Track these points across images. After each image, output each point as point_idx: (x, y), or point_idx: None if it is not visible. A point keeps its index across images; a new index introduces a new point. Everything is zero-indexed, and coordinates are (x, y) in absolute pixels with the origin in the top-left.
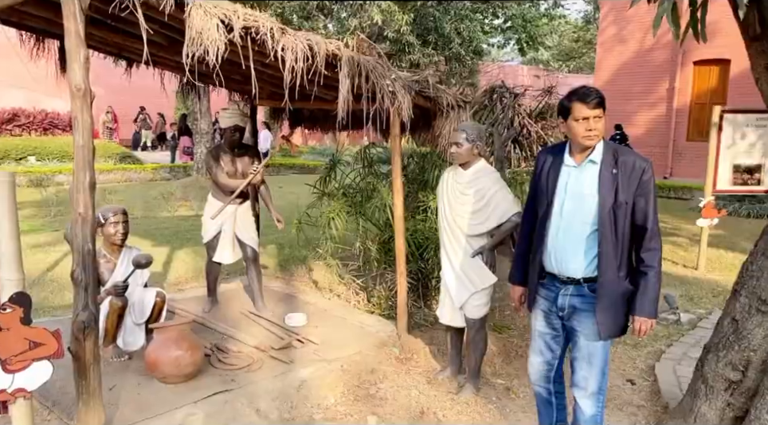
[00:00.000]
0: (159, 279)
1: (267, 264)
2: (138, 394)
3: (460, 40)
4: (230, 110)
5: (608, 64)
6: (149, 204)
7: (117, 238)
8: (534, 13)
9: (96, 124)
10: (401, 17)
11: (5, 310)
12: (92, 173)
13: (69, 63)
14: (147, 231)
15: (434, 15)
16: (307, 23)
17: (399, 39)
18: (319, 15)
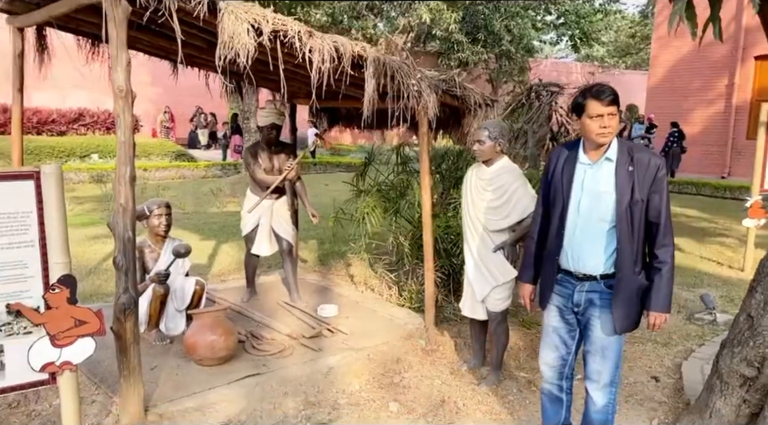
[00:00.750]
0: (204, 271)
1: (306, 258)
2: (176, 374)
3: (509, 38)
4: (267, 109)
5: (664, 60)
6: (199, 200)
7: (161, 229)
8: (588, 9)
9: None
10: (450, 16)
11: (54, 291)
12: (132, 168)
13: (113, 66)
14: (196, 225)
15: (484, 13)
16: (357, 23)
17: (448, 37)
18: (369, 15)
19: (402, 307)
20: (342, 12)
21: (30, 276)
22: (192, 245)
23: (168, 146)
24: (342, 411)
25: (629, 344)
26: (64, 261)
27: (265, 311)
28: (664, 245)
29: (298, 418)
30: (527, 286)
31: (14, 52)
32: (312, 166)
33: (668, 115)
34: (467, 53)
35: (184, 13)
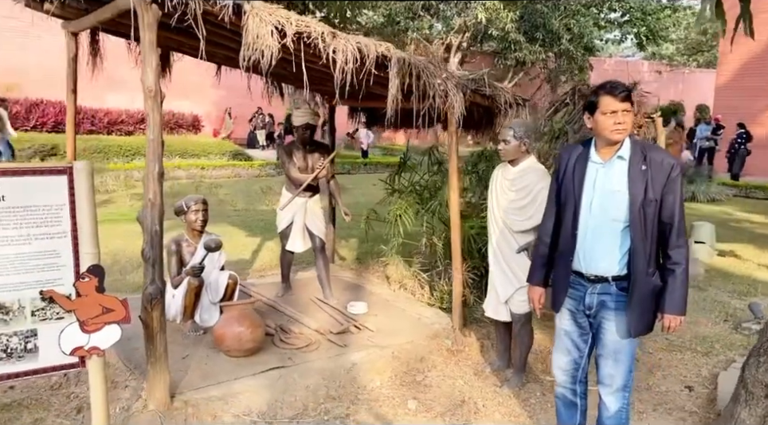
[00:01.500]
0: (246, 266)
1: (345, 256)
2: (205, 364)
3: (569, 37)
4: (302, 109)
5: (733, 58)
6: (250, 198)
7: (197, 224)
8: (654, 6)
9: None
10: (506, 15)
11: (84, 279)
12: (160, 165)
13: (143, 67)
14: (245, 222)
15: (542, 12)
16: (413, 23)
17: (504, 37)
18: (425, 15)
19: (432, 307)
20: (398, 13)
21: (63, 265)
22: (238, 241)
23: (226, 146)
24: (360, 407)
25: (666, 351)
26: (93, 251)
27: (297, 306)
28: (677, 246)
29: (317, 411)
30: (536, 289)
31: (68, 56)
32: (363, 166)
33: (736, 115)
34: (524, 53)
35: (211, 15)
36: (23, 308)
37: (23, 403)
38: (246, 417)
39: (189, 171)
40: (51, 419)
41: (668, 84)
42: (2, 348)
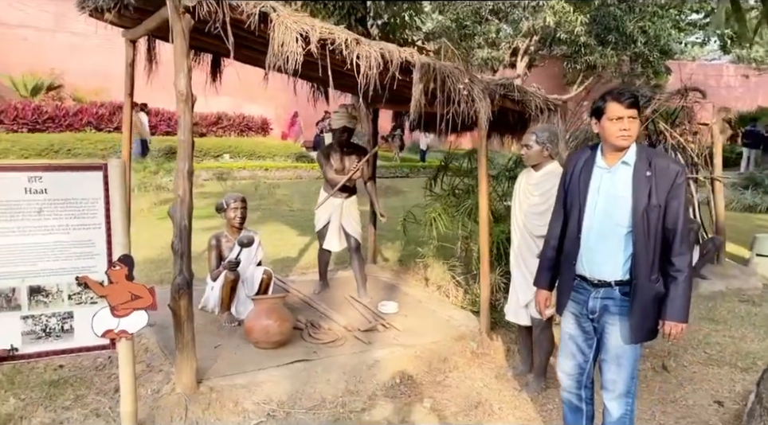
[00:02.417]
0: (291, 263)
1: (388, 257)
2: (234, 353)
3: (644, 39)
4: (340, 112)
5: None
6: (307, 199)
7: (236, 221)
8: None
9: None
10: (576, 18)
11: (115, 268)
12: (190, 164)
13: (176, 72)
14: (297, 221)
15: (615, 14)
16: (480, 26)
17: (574, 40)
18: (494, 19)
19: (464, 310)
20: (466, 17)
21: (97, 254)
22: (288, 240)
23: (292, 148)
24: (377, 402)
25: (702, 365)
26: (124, 242)
27: (330, 303)
28: (680, 253)
29: (334, 404)
30: (542, 292)
31: (126, 61)
32: (422, 170)
33: None
34: (595, 56)
35: (239, 23)
36: (61, 292)
37: (69, 380)
38: (266, 405)
39: (253, 172)
40: (91, 396)
41: (757, 89)
42: (42, 327)
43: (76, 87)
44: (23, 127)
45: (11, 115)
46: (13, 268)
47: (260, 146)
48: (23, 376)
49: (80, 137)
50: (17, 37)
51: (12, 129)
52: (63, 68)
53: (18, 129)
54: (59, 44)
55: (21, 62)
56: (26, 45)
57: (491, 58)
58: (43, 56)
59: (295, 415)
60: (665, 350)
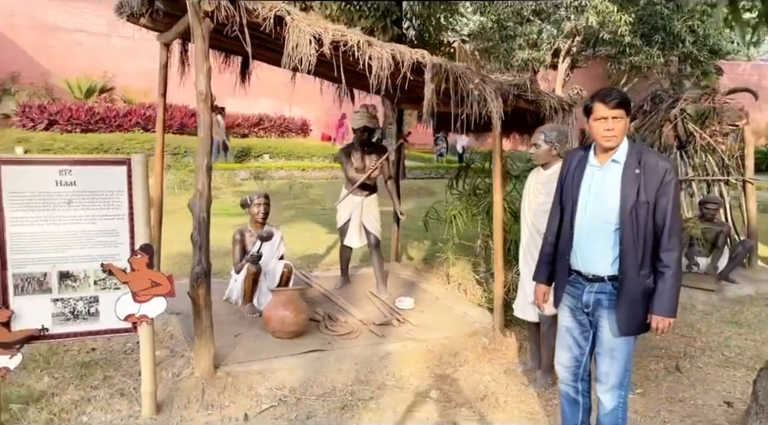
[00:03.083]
0: (318, 259)
1: (414, 256)
2: (253, 342)
3: (692, 39)
4: (360, 112)
5: None
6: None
7: (259, 217)
8: None
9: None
10: (620, 18)
11: (137, 256)
12: (209, 160)
13: (196, 73)
14: (328, 220)
15: (662, 13)
16: (521, 27)
17: (619, 40)
18: (536, 19)
19: (480, 307)
20: (507, 18)
21: (120, 243)
22: (318, 237)
23: (331, 149)
24: (385, 392)
25: (719, 367)
26: (145, 232)
27: (349, 298)
28: (668, 249)
29: (344, 392)
30: (540, 286)
31: (160, 63)
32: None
33: None
34: (640, 57)
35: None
36: (88, 277)
37: (99, 362)
38: (278, 391)
39: (290, 172)
40: (118, 377)
41: None
42: (71, 310)
43: (126, 89)
44: (77, 128)
45: (66, 116)
46: (45, 254)
47: (299, 146)
48: (59, 357)
49: (129, 137)
50: (73, 41)
51: (66, 129)
52: (115, 71)
53: (72, 129)
54: (112, 47)
55: (77, 65)
56: (81, 49)
57: (531, 59)
58: (97, 60)
59: (306, 401)
60: (681, 351)
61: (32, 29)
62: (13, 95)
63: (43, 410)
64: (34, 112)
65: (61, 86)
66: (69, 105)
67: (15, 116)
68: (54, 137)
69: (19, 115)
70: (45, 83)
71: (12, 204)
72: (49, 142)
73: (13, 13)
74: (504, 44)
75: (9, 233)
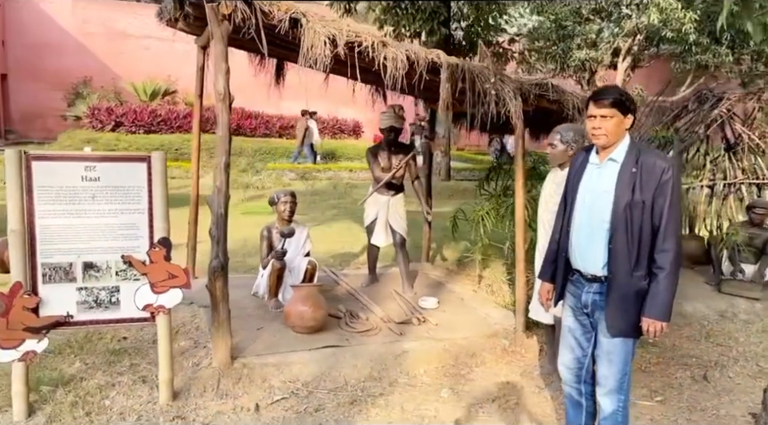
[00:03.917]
0: (350, 258)
1: (447, 256)
2: (273, 336)
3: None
4: (387, 113)
5: None
6: None
7: (285, 214)
8: None
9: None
10: (684, 15)
11: (155, 249)
12: (227, 158)
13: (215, 74)
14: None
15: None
16: (580, 27)
17: (683, 38)
18: (596, 18)
19: (505, 309)
20: (566, 17)
21: (140, 236)
22: (356, 237)
23: None
24: (396, 389)
25: (751, 377)
26: (163, 226)
27: (373, 296)
28: (663, 250)
29: (355, 387)
30: (544, 285)
31: (197, 66)
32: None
33: None
34: (707, 56)
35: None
36: (110, 268)
37: (128, 350)
38: (291, 384)
39: (337, 173)
40: (143, 365)
41: None
42: (94, 298)
43: (188, 92)
44: (140, 129)
45: (130, 118)
46: (71, 245)
47: (350, 148)
48: (92, 344)
49: (187, 137)
50: (140, 46)
51: (131, 131)
52: (178, 75)
53: (136, 130)
54: (175, 52)
55: (143, 70)
56: (148, 54)
57: (588, 59)
58: (162, 64)
59: (317, 395)
60: (713, 360)
61: (103, 36)
62: (84, 98)
63: (70, 392)
64: (102, 114)
65: (129, 89)
66: (134, 107)
67: (86, 118)
68: (119, 138)
69: (89, 117)
70: (115, 86)
71: (41, 198)
72: (115, 143)
73: (86, 20)
74: (561, 44)
75: (38, 225)
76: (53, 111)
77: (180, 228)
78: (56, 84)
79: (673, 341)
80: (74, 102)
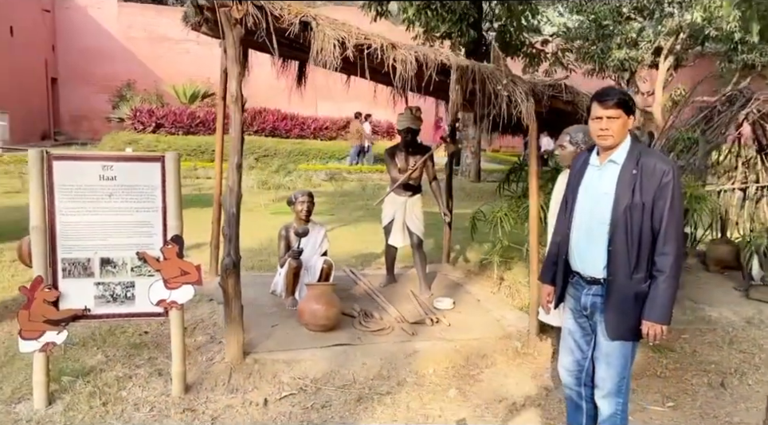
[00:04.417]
0: (373, 258)
1: (470, 258)
2: (286, 333)
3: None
4: (404, 114)
5: None
6: None
7: (302, 214)
8: None
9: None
10: (729, 13)
11: (168, 246)
12: (239, 157)
13: (228, 77)
14: None
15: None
16: (620, 26)
17: (729, 37)
18: (637, 17)
19: (521, 311)
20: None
21: (154, 233)
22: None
23: None
24: (403, 387)
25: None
26: (176, 224)
27: (389, 296)
28: (663, 253)
29: (363, 385)
30: (545, 287)
31: (221, 68)
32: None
33: None
34: (754, 55)
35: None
36: (125, 264)
37: (148, 344)
38: (300, 380)
39: (367, 174)
40: (161, 358)
41: None
42: (110, 293)
43: None
44: (180, 130)
45: (170, 120)
46: (89, 242)
47: (382, 149)
48: (115, 338)
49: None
50: (180, 50)
51: (170, 132)
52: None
53: (176, 132)
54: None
55: (184, 72)
56: (189, 58)
57: (628, 59)
58: (201, 67)
59: (324, 391)
60: (733, 367)
61: (146, 40)
62: (128, 100)
63: (89, 383)
64: (144, 116)
65: (170, 92)
66: (174, 109)
67: (128, 120)
68: (159, 139)
69: (131, 119)
70: (156, 89)
71: (62, 196)
72: (155, 144)
73: (130, 26)
74: (600, 43)
75: (59, 222)
76: (99, 113)
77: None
78: (102, 88)
79: (694, 346)
80: (118, 104)
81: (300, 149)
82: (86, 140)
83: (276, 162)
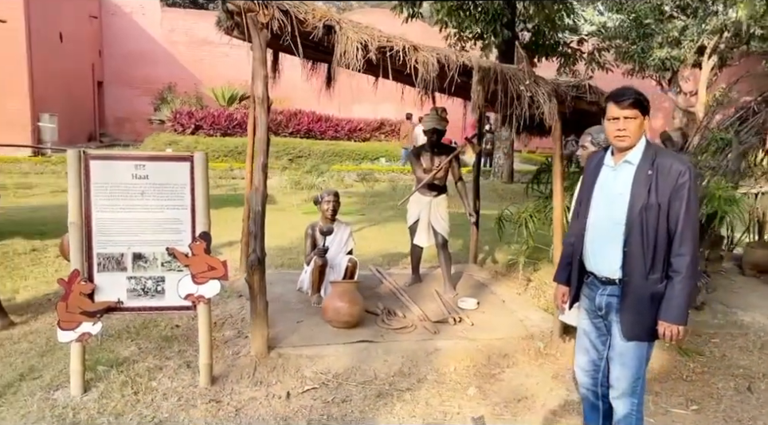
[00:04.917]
0: (400, 258)
1: (498, 259)
2: (311, 329)
3: None
4: (430, 115)
5: None
6: None
7: (328, 213)
8: None
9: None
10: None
11: (196, 242)
12: (265, 158)
13: (253, 79)
14: None
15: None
16: (662, 24)
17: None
18: (680, 16)
19: (545, 312)
20: (646, 14)
21: (183, 230)
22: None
23: None
24: (423, 385)
25: None
26: (204, 221)
27: (414, 295)
28: (679, 254)
29: (384, 381)
30: (560, 287)
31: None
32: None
33: None
34: None
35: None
36: (156, 259)
37: (179, 337)
38: (322, 375)
39: (399, 174)
40: (190, 351)
41: None
42: (142, 287)
43: None
44: (217, 132)
45: (209, 122)
46: (123, 238)
47: None
48: (148, 330)
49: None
50: (221, 53)
51: (209, 133)
52: None
53: (214, 133)
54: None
55: (223, 75)
56: (227, 61)
57: (670, 58)
58: (240, 70)
59: (346, 387)
60: (761, 372)
61: (187, 44)
62: (169, 103)
63: (122, 373)
64: (184, 118)
65: (209, 94)
66: (212, 111)
67: (169, 122)
68: (198, 140)
69: (172, 121)
70: (196, 91)
71: (97, 193)
72: (194, 145)
73: (172, 30)
74: (641, 42)
75: (95, 218)
76: (142, 115)
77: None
78: (145, 90)
79: (723, 351)
80: (159, 107)
81: (334, 150)
82: (129, 141)
83: (308, 163)
